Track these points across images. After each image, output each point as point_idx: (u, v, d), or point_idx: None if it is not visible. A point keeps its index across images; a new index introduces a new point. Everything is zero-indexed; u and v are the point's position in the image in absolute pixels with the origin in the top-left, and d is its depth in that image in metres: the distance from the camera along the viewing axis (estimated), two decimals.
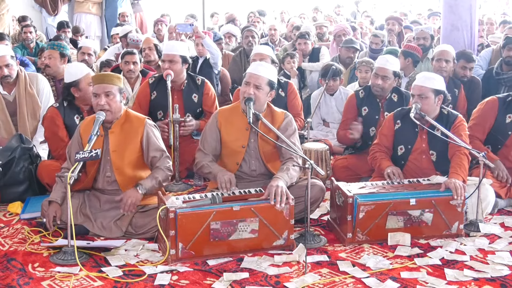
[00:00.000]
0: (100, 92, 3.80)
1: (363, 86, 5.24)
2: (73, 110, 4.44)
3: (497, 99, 4.55)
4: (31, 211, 4.18)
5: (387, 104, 4.90)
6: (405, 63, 6.05)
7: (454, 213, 3.80)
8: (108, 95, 3.80)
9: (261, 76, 3.88)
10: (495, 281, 3.26)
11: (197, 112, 5.20)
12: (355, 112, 4.99)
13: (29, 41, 8.73)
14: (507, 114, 4.48)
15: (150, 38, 7.19)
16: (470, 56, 5.76)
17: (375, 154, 4.34)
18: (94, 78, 3.93)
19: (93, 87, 3.86)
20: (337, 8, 13.81)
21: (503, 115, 4.48)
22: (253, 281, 3.24)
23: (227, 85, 6.80)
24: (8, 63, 4.91)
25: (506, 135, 4.47)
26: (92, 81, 3.94)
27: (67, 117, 4.42)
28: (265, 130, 3.89)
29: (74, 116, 4.43)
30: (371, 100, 4.96)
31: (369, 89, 5.00)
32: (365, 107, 4.96)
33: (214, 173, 3.88)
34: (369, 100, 4.96)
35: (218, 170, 3.89)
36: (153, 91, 5.18)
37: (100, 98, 3.80)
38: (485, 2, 14.31)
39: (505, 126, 4.47)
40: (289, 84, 5.43)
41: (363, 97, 4.99)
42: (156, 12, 11.94)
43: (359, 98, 4.99)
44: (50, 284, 3.20)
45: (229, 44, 8.56)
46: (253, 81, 3.87)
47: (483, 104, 4.61)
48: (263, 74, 3.89)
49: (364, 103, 4.97)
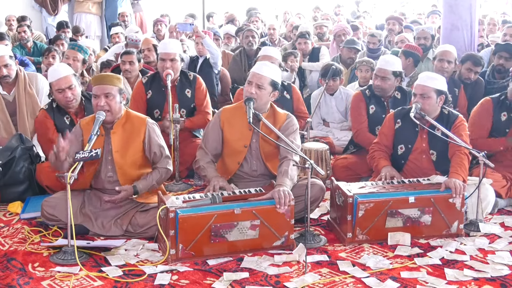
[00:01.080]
0: (100, 93, 3.81)
1: (363, 86, 5.24)
2: (62, 112, 4.47)
3: (491, 99, 4.60)
4: (31, 211, 4.18)
5: (391, 102, 4.94)
6: (406, 63, 6.05)
7: (454, 213, 3.80)
8: (108, 96, 3.80)
9: (264, 76, 3.88)
10: (495, 281, 3.26)
11: (191, 107, 5.20)
12: (365, 109, 4.98)
13: (24, 40, 8.72)
14: (502, 113, 4.52)
15: (149, 38, 7.17)
16: (478, 59, 5.61)
17: (374, 153, 4.34)
18: (94, 79, 3.94)
19: (93, 88, 3.87)
20: (337, 8, 13.80)
21: (498, 114, 4.52)
22: (253, 281, 3.24)
23: (227, 85, 6.80)
24: (7, 63, 4.91)
25: (504, 133, 4.51)
26: (92, 82, 3.96)
27: (57, 119, 4.44)
28: (266, 130, 3.89)
29: (64, 117, 4.46)
30: (377, 99, 4.99)
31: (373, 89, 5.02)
32: (372, 105, 4.98)
33: (209, 177, 3.88)
34: (375, 99, 4.99)
35: (213, 175, 3.89)
36: (148, 90, 5.19)
37: (100, 99, 3.80)
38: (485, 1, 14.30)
39: (501, 125, 4.51)
40: (292, 87, 5.44)
41: (369, 96, 5.01)
42: (156, 12, 11.93)
43: (367, 97, 5.00)
44: (50, 284, 3.20)
45: (228, 44, 8.56)
46: (256, 80, 3.87)
47: (478, 106, 4.66)
48: (266, 74, 3.89)
49: (371, 102, 4.99)
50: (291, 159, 3.81)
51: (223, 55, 7.48)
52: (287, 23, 11.38)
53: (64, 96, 4.36)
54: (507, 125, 4.51)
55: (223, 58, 7.33)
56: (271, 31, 9.59)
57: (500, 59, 5.80)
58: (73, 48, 5.91)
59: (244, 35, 7.43)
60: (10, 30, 9.71)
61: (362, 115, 4.98)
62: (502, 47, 5.91)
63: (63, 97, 4.37)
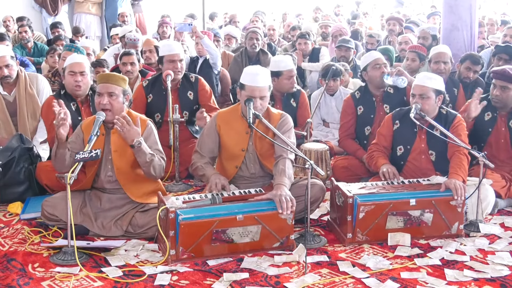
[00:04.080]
0: (104, 91, 3.84)
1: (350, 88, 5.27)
2: (69, 98, 4.55)
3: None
4: (31, 211, 4.18)
5: (385, 96, 4.98)
6: (419, 65, 6.11)
7: (454, 214, 3.80)
8: (111, 95, 3.82)
9: (262, 87, 3.86)
10: (495, 281, 3.26)
11: (193, 109, 5.21)
12: (353, 114, 5.03)
13: (25, 40, 8.72)
14: (486, 112, 4.54)
15: (150, 39, 7.15)
16: (477, 58, 5.61)
17: (373, 153, 4.35)
18: (99, 78, 3.97)
19: (98, 86, 3.92)
20: (337, 8, 13.81)
21: (482, 113, 4.52)
22: (253, 281, 3.24)
23: (227, 85, 6.80)
24: (8, 64, 4.91)
25: (487, 132, 4.53)
26: (98, 80, 3.99)
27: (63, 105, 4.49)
28: (264, 130, 3.89)
29: (70, 104, 4.53)
30: (367, 99, 5.02)
31: (364, 89, 5.07)
32: (360, 106, 5.02)
33: (208, 175, 3.87)
34: (365, 99, 5.02)
35: (212, 173, 3.88)
36: (148, 94, 5.18)
37: (103, 97, 3.83)
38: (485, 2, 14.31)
39: (485, 124, 4.54)
40: (301, 94, 5.38)
41: (359, 98, 5.05)
42: (156, 13, 11.93)
43: (356, 99, 5.05)
44: (50, 284, 3.20)
45: (229, 45, 8.56)
46: (258, 95, 3.84)
47: (464, 106, 4.67)
48: (263, 84, 3.86)
49: (360, 103, 5.02)
50: (287, 157, 3.80)
51: (223, 56, 7.49)
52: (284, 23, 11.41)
53: (74, 79, 4.48)
54: (491, 124, 4.54)
55: (223, 58, 7.33)
56: (271, 31, 9.60)
57: (500, 61, 5.79)
58: (69, 49, 5.89)
59: (248, 37, 7.41)
60: (9, 31, 9.71)
61: (348, 122, 5.03)
62: (501, 49, 5.91)
63: (73, 80, 4.48)
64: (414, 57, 6.12)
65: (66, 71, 4.54)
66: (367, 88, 5.07)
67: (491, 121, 4.54)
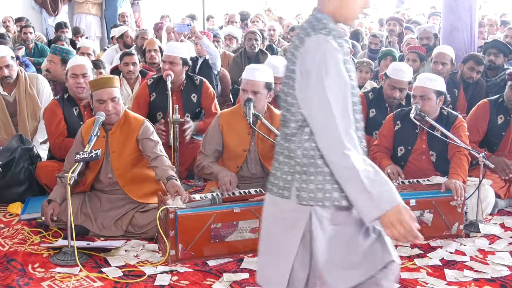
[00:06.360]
0: (106, 98, 3.79)
1: (361, 86, 5.20)
2: (71, 103, 4.54)
3: (488, 102, 4.61)
4: (31, 211, 4.18)
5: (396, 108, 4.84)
6: (419, 66, 6.09)
7: (454, 214, 3.80)
8: (114, 100, 3.82)
9: (257, 82, 3.87)
10: (495, 281, 3.26)
11: (196, 112, 5.20)
12: (365, 112, 4.88)
13: (29, 41, 8.71)
14: (499, 115, 4.52)
15: (155, 39, 7.14)
16: (480, 59, 5.64)
17: (375, 155, 4.34)
18: (96, 83, 3.89)
19: (97, 92, 3.83)
20: None
21: (495, 116, 4.52)
22: (253, 281, 3.23)
23: (227, 86, 6.79)
24: (8, 64, 4.91)
25: (500, 136, 4.51)
26: (93, 86, 3.89)
27: (66, 109, 4.51)
28: (265, 131, 3.89)
29: (73, 108, 4.53)
30: (380, 104, 4.88)
31: (378, 92, 4.93)
32: (373, 109, 4.89)
33: (216, 173, 3.88)
34: (378, 104, 4.89)
35: (220, 170, 3.89)
36: (152, 92, 5.18)
37: (107, 104, 3.79)
38: (485, 2, 14.30)
39: (497, 127, 4.52)
40: None
41: (372, 99, 4.92)
42: (156, 13, 11.92)
43: (369, 99, 4.92)
44: (50, 284, 3.21)
45: (229, 46, 8.55)
46: (250, 88, 3.87)
47: (475, 109, 4.66)
48: (259, 79, 3.88)
49: (372, 105, 4.91)
50: None
51: (223, 56, 7.47)
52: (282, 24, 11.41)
53: (76, 81, 4.46)
54: (503, 128, 4.52)
55: (223, 59, 7.31)
56: (271, 32, 9.59)
57: (489, 56, 5.89)
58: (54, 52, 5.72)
59: (247, 38, 7.40)
60: (8, 31, 9.71)
61: None
62: (489, 44, 6.04)
63: (75, 82, 4.46)
64: (415, 57, 6.11)
65: (68, 74, 4.53)
66: (381, 93, 4.88)
67: (503, 124, 4.52)
